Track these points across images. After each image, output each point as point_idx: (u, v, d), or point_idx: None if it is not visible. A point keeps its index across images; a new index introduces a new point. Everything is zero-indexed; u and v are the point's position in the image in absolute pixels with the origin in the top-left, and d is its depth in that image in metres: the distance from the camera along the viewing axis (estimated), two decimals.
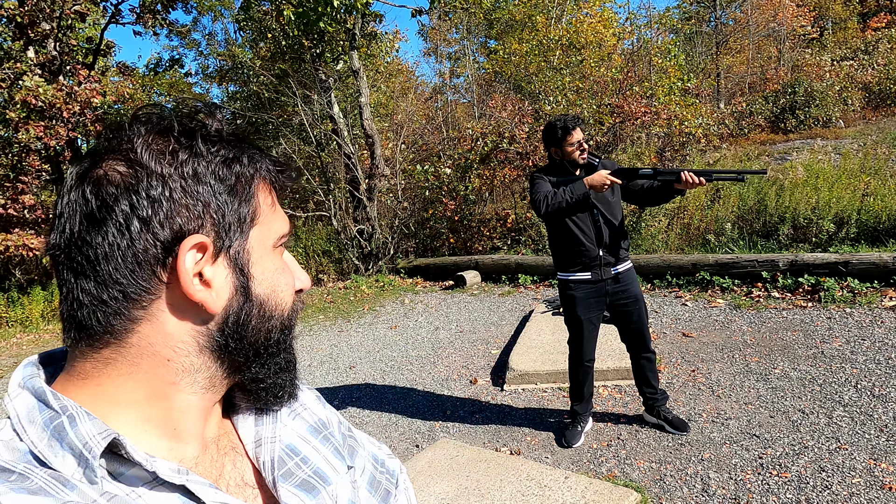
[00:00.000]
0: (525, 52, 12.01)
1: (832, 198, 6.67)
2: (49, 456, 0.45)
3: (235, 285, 0.52)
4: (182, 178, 0.49)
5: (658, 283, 6.31)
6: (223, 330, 0.52)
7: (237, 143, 0.54)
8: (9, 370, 6.39)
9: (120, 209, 0.47)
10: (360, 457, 0.71)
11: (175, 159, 0.50)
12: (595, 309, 3.12)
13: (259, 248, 0.54)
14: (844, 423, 3.12)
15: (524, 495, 2.66)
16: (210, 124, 0.54)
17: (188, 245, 0.48)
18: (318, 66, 9.85)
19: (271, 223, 0.56)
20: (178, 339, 0.50)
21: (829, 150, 10.18)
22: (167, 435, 0.52)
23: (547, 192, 2.93)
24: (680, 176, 2.79)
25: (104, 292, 0.48)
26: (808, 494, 2.57)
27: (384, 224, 10.02)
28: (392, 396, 4.37)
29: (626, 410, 3.60)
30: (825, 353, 4.03)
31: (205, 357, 0.52)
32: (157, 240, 0.48)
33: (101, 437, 0.45)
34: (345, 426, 0.72)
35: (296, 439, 0.63)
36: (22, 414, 0.47)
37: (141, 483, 0.48)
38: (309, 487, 0.59)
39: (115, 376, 0.49)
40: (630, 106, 9.20)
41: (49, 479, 0.44)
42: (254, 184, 0.54)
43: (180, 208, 0.49)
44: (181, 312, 0.50)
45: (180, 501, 0.49)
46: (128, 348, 0.49)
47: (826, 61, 15.18)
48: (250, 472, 0.59)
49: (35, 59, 9.53)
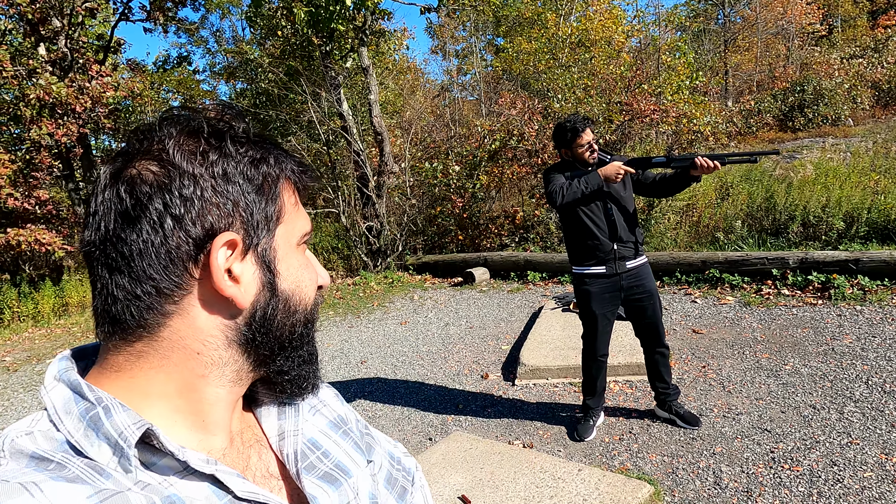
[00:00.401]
0: (534, 49, 12.01)
1: (842, 196, 6.66)
2: (85, 445, 0.47)
3: (262, 281, 0.54)
4: (212, 177, 0.51)
5: (668, 281, 6.32)
6: (250, 324, 0.54)
7: (263, 145, 0.56)
8: (22, 364, 6.46)
9: (154, 207, 0.49)
10: (377, 453, 0.72)
11: (206, 159, 0.52)
12: (610, 304, 3.14)
13: (284, 245, 0.56)
14: (855, 418, 3.13)
15: (538, 487, 2.69)
16: (238, 126, 0.56)
17: (220, 242, 0.50)
18: (328, 64, 9.89)
19: (295, 222, 0.57)
20: (207, 333, 0.52)
21: (841, 149, 10.16)
22: (196, 427, 0.54)
23: (562, 184, 2.97)
24: (694, 161, 2.81)
25: (138, 287, 0.49)
26: (819, 488, 2.60)
27: (393, 221, 10.06)
28: (404, 391, 4.41)
29: (638, 405, 3.63)
30: (836, 350, 4.04)
31: (233, 350, 0.54)
32: (189, 237, 0.50)
33: (135, 428, 0.47)
34: (361, 423, 0.74)
35: (317, 434, 0.65)
36: (59, 405, 0.49)
37: (172, 472, 0.49)
38: (331, 479, 0.61)
39: (147, 369, 0.51)
40: (639, 104, 9.19)
41: (85, 468, 0.46)
42: (279, 184, 0.56)
43: (211, 207, 0.51)
44: (211, 307, 0.52)
45: (210, 490, 0.50)
46: (159, 342, 0.51)
47: (835, 59, 15.12)
48: (275, 464, 0.60)
49: (46, 57, 9.61)
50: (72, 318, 8.76)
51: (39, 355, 6.77)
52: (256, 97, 14.16)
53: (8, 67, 8.78)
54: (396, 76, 14.29)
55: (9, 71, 8.77)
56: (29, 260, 11.55)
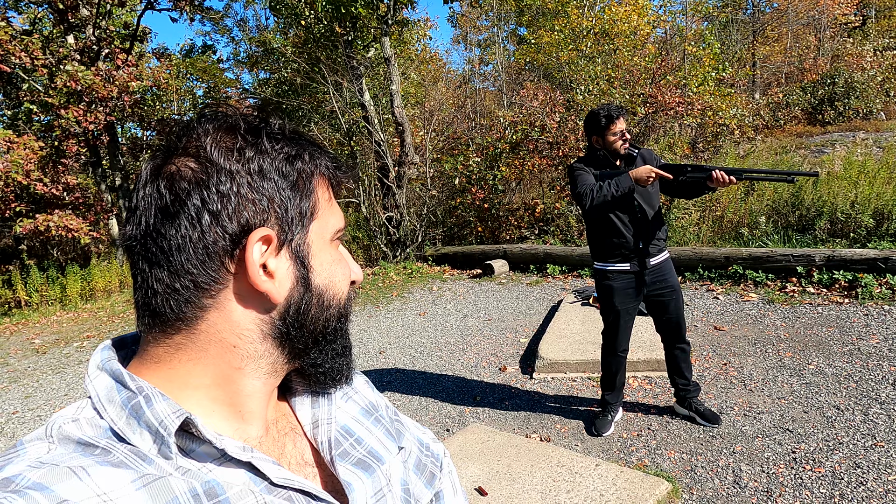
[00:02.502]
0: (557, 41, 11.89)
1: (872, 192, 6.51)
2: (128, 433, 0.49)
3: (297, 276, 0.55)
4: (249, 174, 0.52)
5: (690, 276, 6.25)
6: (285, 318, 0.55)
7: (299, 141, 0.57)
8: (51, 346, 6.63)
9: (192, 203, 0.50)
10: (407, 440, 0.73)
11: (242, 156, 0.52)
12: (632, 300, 3.12)
13: (318, 241, 0.57)
14: (881, 420, 3.08)
15: (555, 481, 2.70)
16: (273, 122, 0.57)
17: (255, 237, 0.51)
18: (350, 53, 9.90)
19: (328, 218, 0.58)
20: (243, 327, 0.53)
21: (870, 143, 9.90)
22: (233, 416, 0.55)
23: (592, 186, 2.92)
24: (711, 174, 2.78)
25: (177, 281, 0.51)
26: (842, 490, 2.56)
27: (413, 211, 10.08)
28: (422, 381, 4.44)
29: (657, 401, 3.61)
30: (861, 350, 3.97)
31: (268, 344, 0.55)
32: (225, 232, 0.51)
33: (175, 416, 0.48)
34: (391, 410, 0.75)
35: (350, 421, 0.66)
36: (102, 394, 0.51)
37: (210, 459, 0.51)
38: (365, 466, 0.62)
39: (186, 361, 0.53)
40: (663, 96, 9.06)
41: (129, 454, 0.48)
42: (314, 180, 0.56)
43: (247, 203, 0.52)
44: (246, 302, 0.53)
45: (247, 477, 0.52)
46: (197, 335, 0.52)
47: (868, 50, 14.70)
48: (309, 452, 0.62)
49: (75, 45, 9.76)
50: (98, 302, 8.95)
51: (67, 338, 6.94)
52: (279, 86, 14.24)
53: (39, 56, 8.94)
54: (419, 66, 14.25)
55: (40, 59, 8.93)
56: (57, 245, 11.82)
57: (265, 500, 0.51)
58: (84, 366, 5.80)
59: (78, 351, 6.35)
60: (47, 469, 0.44)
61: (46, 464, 0.45)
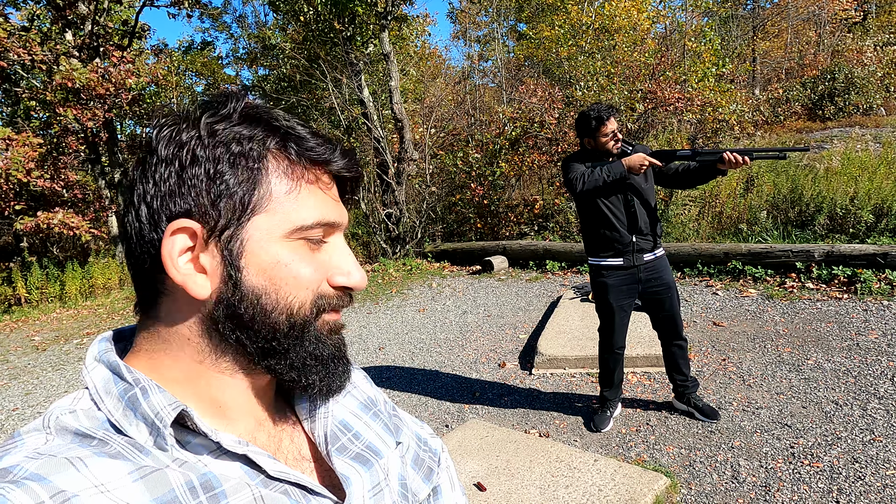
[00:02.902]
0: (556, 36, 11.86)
1: (871, 187, 6.50)
2: (125, 424, 0.49)
3: (223, 274, 0.51)
4: (180, 162, 0.50)
5: (688, 272, 6.25)
6: (214, 316, 0.52)
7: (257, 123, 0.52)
8: (50, 343, 6.64)
9: (136, 192, 0.51)
10: (405, 435, 0.73)
11: (177, 142, 0.51)
12: (627, 296, 3.12)
13: (265, 237, 0.51)
14: (879, 415, 3.08)
15: (554, 476, 2.70)
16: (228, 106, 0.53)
17: (172, 228, 0.50)
18: (349, 50, 9.88)
19: (288, 211, 0.52)
20: (190, 320, 0.52)
21: (868, 139, 9.89)
22: (213, 412, 0.54)
23: (583, 172, 2.92)
24: (723, 157, 2.76)
25: (133, 267, 0.53)
26: (840, 484, 2.57)
27: (412, 208, 10.08)
28: (421, 378, 4.44)
29: (655, 397, 3.61)
30: (860, 346, 3.97)
31: (213, 341, 0.53)
32: (153, 220, 0.50)
33: (171, 409, 0.48)
34: (389, 405, 0.74)
35: (348, 415, 0.65)
36: (99, 385, 0.51)
37: (206, 452, 0.51)
38: (363, 460, 0.61)
39: (159, 352, 0.53)
40: (663, 92, 9.04)
41: (126, 445, 0.47)
42: (263, 168, 0.51)
43: (176, 192, 0.50)
44: (181, 293, 0.52)
45: (242, 470, 0.52)
46: (160, 323, 0.52)
47: (868, 46, 14.67)
48: (306, 447, 0.61)
49: (72, 42, 9.74)
50: (97, 299, 8.95)
51: (67, 335, 6.95)
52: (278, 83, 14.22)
53: (37, 52, 8.92)
54: (417, 63, 14.22)
55: (38, 56, 8.91)
56: (56, 243, 11.82)
57: (261, 494, 0.51)
58: (83, 363, 5.81)
59: (78, 348, 6.35)
60: (45, 460, 0.44)
61: (44, 455, 0.45)
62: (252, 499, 0.50)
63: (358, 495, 0.58)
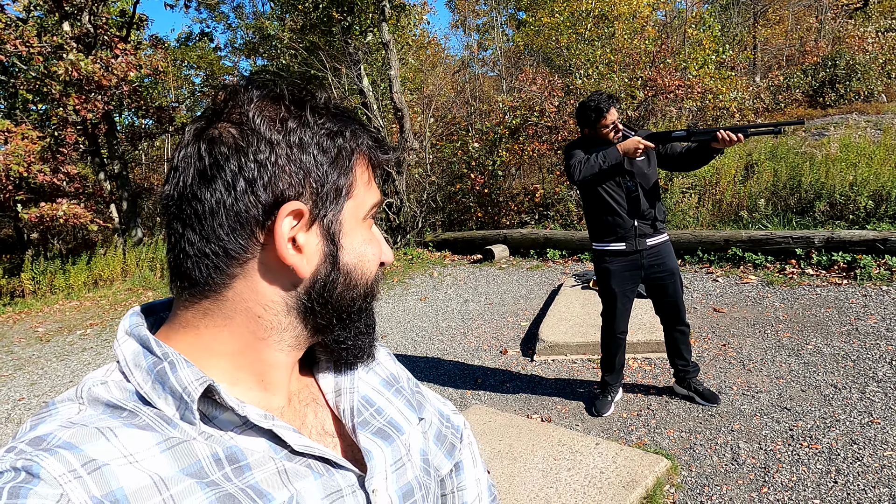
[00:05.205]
0: (556, 24, 11.80)
1: (870, 173, 6.51)
2: (153, 397, 0.50)
3: (325, 253, 0.55)
4: (288, 145, 0.52)
5: (689, 259, 6.27)
6: (310, 294, 0.55)
7: (342, 118, 0.56)
8: (54, 334, 6.67)
9: (229, 169, 0.50)
10: (428, 411, 0.74)
11: (284, 127, 0.52)
12: (630, 282, 3.14)
13: (351, 219, 0.56)
14: (877, 398, 3.12)
15: (556, 459, 2.74)
16: (319, 96, 0.56)
17: (286, 210, 0.51)
18: (348, 39, 9.84)
19: (364, 196, 0.57)
20: (269, 298, 0.54)
21: (868, 126, 9.87)
22: (257, 385, 0.56)
23: (581, 159, 2.94)
24: (716, 135, 2.76)
25: (207, 246, 0.51)
26: (838, 465, 2.60)
27: (413, 197, 10.08)
28: (424, 365, 4.47)
29: (656, 382, 3.64)
30: (859, 330, 4.00)
31: (292, 317, 0.55)
32: (258, 201, 0.51)
33: (198, 384, 0.50)
34: (413, 382, 0.76)
35: (370, 391, 0.67)
36: (129, 358, 0.52)
37: (232, 426, 0.52)
38: (384, 435, 0.63)
39: (212, 327, 0.54)
40: (663, 79, 9.02)
41: (155, 418, 0.49)
42: (353, 158, 0.56)
43: (283, 174, 0.51)
44: (273, 273, 0.53)
45: (267, 444, 0.53)
46: (224, 302, 0.53)
47: (870, 32, 14.59)
48: (330, 422, 0.62)
49: (70, 33, 9.70)
50: (101, 291, 8.98)
51: (70, 327, 6.98)
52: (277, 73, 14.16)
53: (34, 43, 8.89)
54: (417, 52, 14.16)
55: (35, 47, 8.88)
56: (57, 234, 11.84)
57: (285, 467, 0.53)
58: (88, 353, 5.84)
59: (81, 339, 6.39)
60: (77, 429, 0.46)
61: (76, 424, 0.47)
62: (276, 472, 0.52)
63: (380, 469, 0.60)
